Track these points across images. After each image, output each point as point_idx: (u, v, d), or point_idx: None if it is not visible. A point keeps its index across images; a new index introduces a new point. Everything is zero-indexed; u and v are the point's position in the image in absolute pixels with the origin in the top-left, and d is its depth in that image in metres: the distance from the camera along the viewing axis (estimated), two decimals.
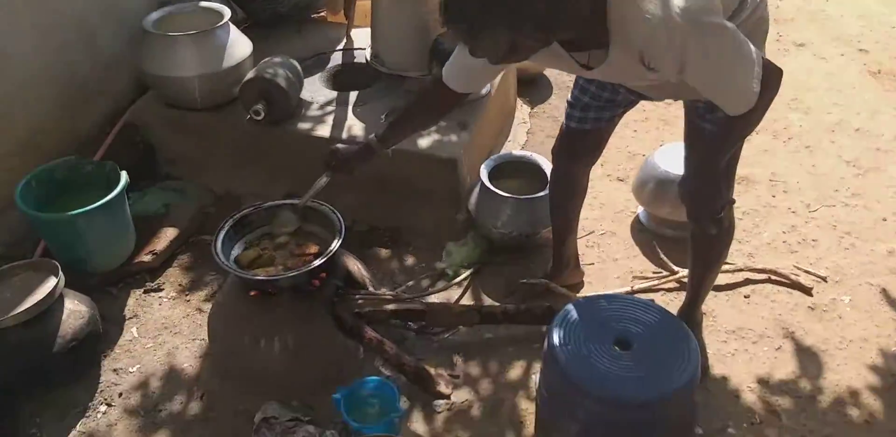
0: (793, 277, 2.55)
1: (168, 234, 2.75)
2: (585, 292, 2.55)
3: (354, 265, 2.39)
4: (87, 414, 2.19)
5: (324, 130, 2.81)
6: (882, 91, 3.67)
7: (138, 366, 2.34)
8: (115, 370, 2.33)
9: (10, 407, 2.19)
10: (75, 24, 2.81)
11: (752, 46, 1.53)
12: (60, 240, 2.50)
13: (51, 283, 2.23)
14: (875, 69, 3.85)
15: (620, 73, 1.71)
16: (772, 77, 1.57)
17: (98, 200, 2.41)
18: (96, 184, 2.57)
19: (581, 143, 2.17)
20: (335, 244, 2.12)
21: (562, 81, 3.67)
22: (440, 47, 2.76)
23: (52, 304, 2.19)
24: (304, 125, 2.84)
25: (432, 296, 2.51)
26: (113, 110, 3.01)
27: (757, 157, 3.15)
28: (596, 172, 2.30)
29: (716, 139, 1.76)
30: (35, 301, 2.14)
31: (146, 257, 2.65)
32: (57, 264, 2.27)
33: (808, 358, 2.29)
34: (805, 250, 2.71)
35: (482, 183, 2.65)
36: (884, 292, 2.53)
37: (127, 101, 3.04)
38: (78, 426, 2.16)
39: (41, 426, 2.16)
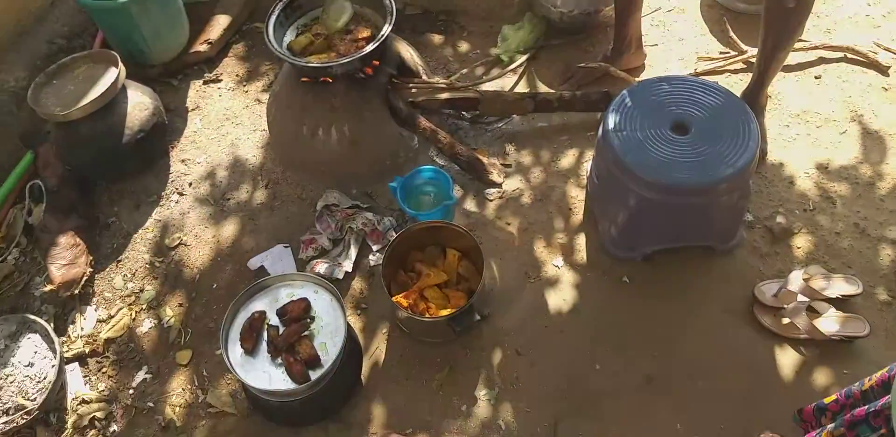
0: (870, 54, 2.38)
1: (221, 21, 2.71)
2: (647, 75, 2.46)
3: (407, 52, 2.33)
4: (160, 203, 2.36)
5: None
6: None
7: (205, 157, 2.46)
8: (183, 161, 2.45)
9: (89, 196, 2.37)
10: None
11: None
12: (117, 29, 2.50)
13: (112, 74, 2.27)
14: None
15: None
16: None
17: None
18: None
19: None
20: (386, 29, 2.06)
21: None
22: None
23: (117, 95, 2.25)
24: None
25: (487, 84, 2.47)
26: None
27: None
28: None
29: None
30: (100, 93, 2.19)
31: (202, 47, 2.64)
32: (116, 54, 2.30)
33: (873, 142, 2.22)
34: (889, 25, 2.49)
35: None
36: None
37: None
38: (154, 214, 2.34)
39: (118, 214, 2.35)
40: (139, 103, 2.31)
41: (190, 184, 2.39)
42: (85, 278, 2.14)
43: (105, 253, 2.27)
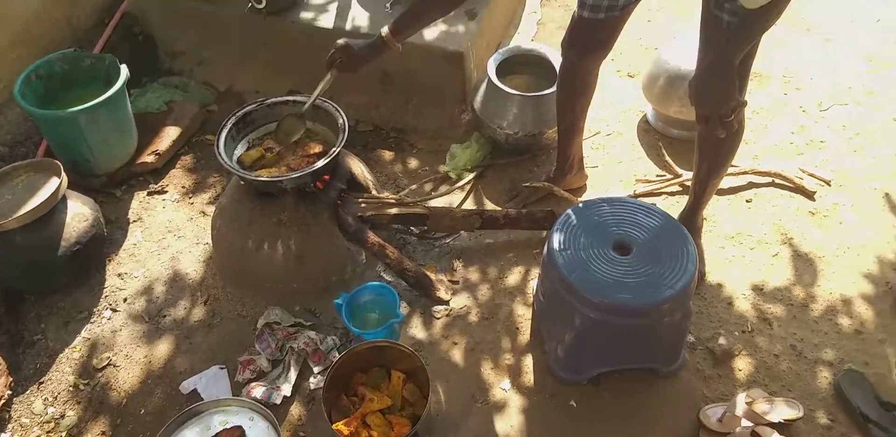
0: (797, 180, 2.53)
1: (170, 133, 2.72)
2: (588, 195, 2.55)
3: (358, 167, 2.38)
4: (91, 319, 2.26)
5: (327, 21, 2.69)
6: None
7: (143, 270, 2.39)
8: (119, 275, 2.38)
9: (15, 311, 2.25)
10: None
11: None
12: (62, 139, 2.48)
13: (53, 184, 2.23)
14: None
15: None
16: None
17: (98, 97, 2.37)
18: (96, 79, 2.52)
19: (593, 33, 2.07)
20: (338, 145, 2.10)
21: None
22: None
23: (56, 205, 2.20)
24: (306, 15, 2.72)
25: (435, 200, 2.52)
26: None
27: (771, 49, 3.00)
28: (605, 67, 2.21)
29: (733, 33, 1.68)
30: (38, 203, 2.14)
31: (149, 158, 2.64)
32: (59, 164, 2.26)
33: (805, 265, 2.31)
34: (812, 152, 2.67)
35: (489, 79, 2.57)
36: (886, 197, 2.50)
37: None
38: (83, 332, 2.23)
39: (45, 331, 2.24)
40: (79, 214, 2.26)
41: (125, 299, 2.31)
42: (2, 401, 1.99)
43: (27, 374, 2.13)
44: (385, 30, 1.92)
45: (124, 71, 2.45)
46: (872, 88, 2.89)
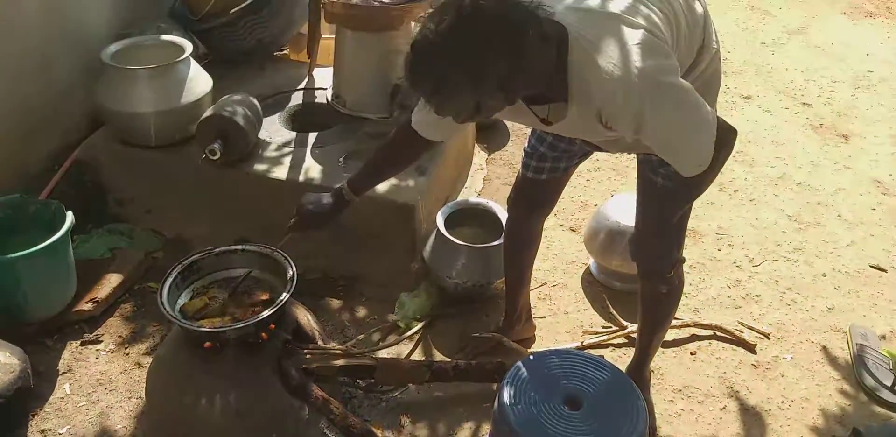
0: (737, 333, 2.60)
1: (111, 280, 2.66)
2: (537, 346, 2.55)
3: (304, 317, 2.34)
4: None
5: (281, 172, 2.77)
6: (823, 145, 3.82)
7: (68, 427, 2.23)
8: (42, 432, 2.21)
9: None
10: (32, 52, 2.73)
11: (708, 107, 1.56)
12: None
13: None
14: (817, 123, 4.00)
15: (579, 128, 1.73)
16: (727, 137, 1.59)
17: (40, 242, 2.32)
18: (40, 224, 2.48)
19: (537, 193, 2.18)
20: (285, 295, 2.08)
21: (519, 127, 3.71)
22: (401, 90, 2.77)
23: None
24: (260, 166, 2.79)
25: (383, 351, 2.48)
26: (63, 146, 2.92)
27: (703, 209, 3.22)
28: (549, 221, 2.32)
29: (669, 196, 1.79)
30: None
31: (87, 306, 2.55)
32: None
33: (752, 419, 2.32)
34: (749, 305, 2.77)
35: (438, 231, 2.65)
36: (824, 349, 2.59)
37: (78, 136, 2.95)
38: None
39: None
40: (5, 365, 2.13)
41: None
42: None
43: None
44: (343, 185, 1.99)
45: (69, 218, 2.43)
46: (799, 245, 3.09)
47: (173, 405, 2.09)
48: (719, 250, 3.05)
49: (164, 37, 2.94)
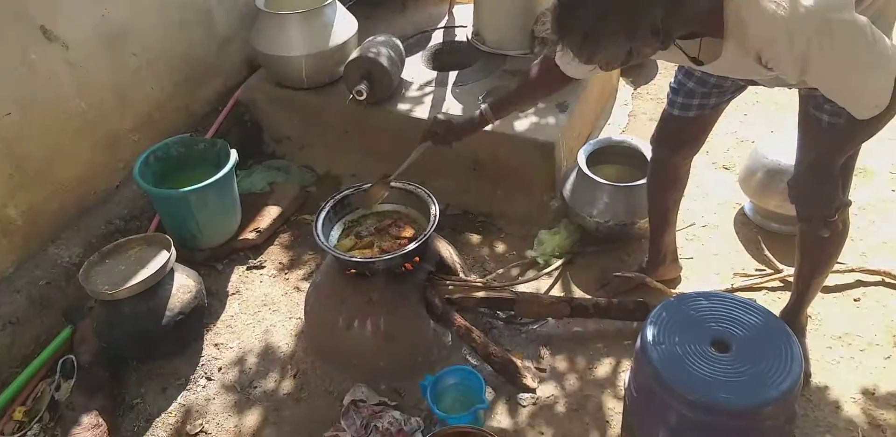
0: None
1: (271, 212, 2.86)
2: (682, 287, 2.48)
3: (446, 251, 2.41)
4: (188, 386, 2.31)
5: (422, 111, 2.82)
6: None
7: (238, 342, 2.45)
8: (216, 345, 2.44)
9: (119, 376, 2.34)
10: (192, 3, 2.90)
11: (887, 41, 1.41)
12: (173, 215, 2.63)
13: (163, 257, 2.35)
14: None
15: (734, 68, 1.62)
16: None
17: (209, 177, 2.52)
18: (207, 161, 2.70)
19: (684, 131, 2.07)
20: (429, 229, 2.15)
21: None
22: (541, 20, 2.71)
23: (164, 278, 2.31)
24: (403, 106, 2.86)
25: (522, 285, 2.50)
26: (225, 89, 3.13)
27: (877, 144, 2.90)
28: (700, 159, 2.20)
29: (834, 136, 1.65)
30: (148, 274, 2.26)
31: (250, 235, 2.76)
32: (169, 238, 2.40)
33: None
34: None
35: (579, 169, 2.60)
36: None
37: (238, 80, 3.15)
38: (179, 398, 2.28)
39: (144, 395, 2.30)
40: (183, 286, 2.37)
41: (219, 369, 2.36)
42: None
43: (124, 436, 2.18)
44: (485, 105, 1.99)
45: (233, 155, 2.62)
46: None
47: (328, 327, 2.25)
48: (893, 191, 2.78)
49: None
